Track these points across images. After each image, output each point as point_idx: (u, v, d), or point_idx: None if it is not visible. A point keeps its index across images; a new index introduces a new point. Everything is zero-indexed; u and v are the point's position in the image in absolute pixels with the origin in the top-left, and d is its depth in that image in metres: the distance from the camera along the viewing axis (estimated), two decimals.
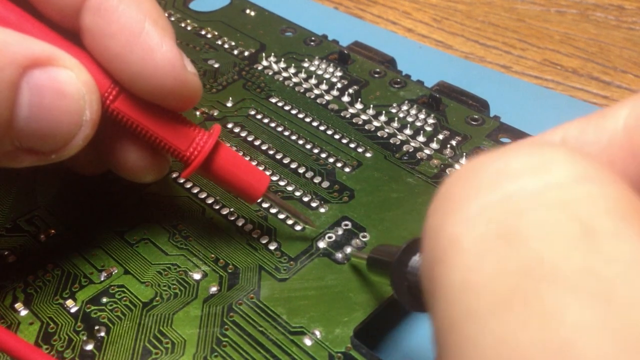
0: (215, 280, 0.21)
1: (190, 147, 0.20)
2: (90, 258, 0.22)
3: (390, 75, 0.30)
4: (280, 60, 0.32)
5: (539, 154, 0.10)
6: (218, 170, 0.21)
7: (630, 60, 0.36)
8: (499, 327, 0.08)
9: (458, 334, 0.09)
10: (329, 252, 0.22)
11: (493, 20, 0.40)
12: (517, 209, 0.09)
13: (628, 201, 0.09)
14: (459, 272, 0.09)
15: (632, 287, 0.08)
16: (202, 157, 0.20)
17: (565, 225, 0.09)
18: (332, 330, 0.20)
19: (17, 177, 0.25)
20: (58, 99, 0.18)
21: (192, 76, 0.19)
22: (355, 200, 0.24)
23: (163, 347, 0.19)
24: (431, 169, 0.25)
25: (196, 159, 0.20)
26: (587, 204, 0.09)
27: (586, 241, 0.09)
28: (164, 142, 0.20)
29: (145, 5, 0.19)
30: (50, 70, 0.18)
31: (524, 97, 0.33)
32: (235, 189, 0.21)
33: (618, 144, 0.12)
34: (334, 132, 0.27)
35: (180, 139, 0.20)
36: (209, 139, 0.20)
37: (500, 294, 0.09)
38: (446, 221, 0.10)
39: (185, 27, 0.34)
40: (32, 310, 0.21)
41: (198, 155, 0.20)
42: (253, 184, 0.21)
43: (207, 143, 0.20)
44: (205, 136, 0.20)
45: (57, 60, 0.18)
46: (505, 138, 0.27)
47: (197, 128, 0.20)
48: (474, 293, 0.09)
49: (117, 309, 0.21)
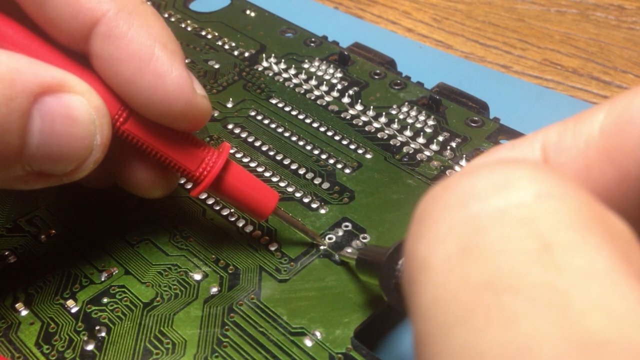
0: (216, 281, 0.21)
1: (200, 167, 0.20)
2: (91, 258, 0.22)
3: (390, 77, 0.30)
4: (281, 61, 0.32)
5: (502, 172, 0.10)
6: (227, 189, 0.21)
7: (630, 60, 0.36)
8: (465, 334, 0.09)
9: (432, 345, 0.10)
10: (329, 253, 0.22)
11: (493, 20, 0.40)
12: (480, 227, 0.10)
13: (589, 213, 0.10)
14: (429, 289, 0.10)
15: (585, 296, 0.09)
16: (212, 177, 0.20)
17: (525, 241, 0.09)
18: (333, 331, 0.20)
19: None
20: (69, 125, 0.18)
21: (201, 99, 0.19)
22: (355, 202, 0.24)
23: (164, 347, 0.20)
24: (431, 170, 0.25)
25: (206, 178, 0.20)
26: (547, 219, 0.10)
27: (544, 255, 0.09)
28: (173, 162, 0.20)
29: (155, 30, 0.19)
30: (61, 96, 0.18)
31: (524, 97, 0.33)
32: (245, 207, 0.21)
33: (594, 148, 0.12)
34: (334, 133, 0.27)
35: (189, 159, 0.20)
36: (218, 158, 0.20)
37: (465, 305, 0.09)
38: (418, 243, 0.11)
39: (186, 28, 0.35)
40: (33, 311, 0.21)
41: (208, 175, 0.20)
42: (262, 202, 0.21)
43: (217, 163, 0.20)
44: (215, 156, 0.20)
45: (68, 86, 0.18)
46: (504, 140, 0.27)
47: (207, 147, 0.21)
48: (443, 307, 0.10)
49: (117, 309, 0.21)
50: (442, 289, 0.10)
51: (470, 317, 0.09)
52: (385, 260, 0.16)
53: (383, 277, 0.16)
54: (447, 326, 0.09)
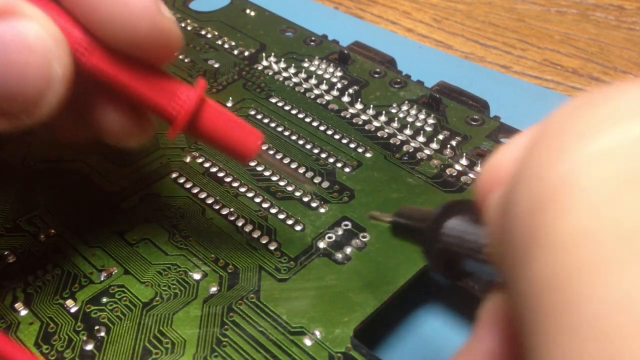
0: (215, 280, 0.21)
1: (174, 103, 0.19)
2: (90, 258, 0.22)
3: (390, 76, 0.30)
4: (281, 60, 0.32)
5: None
6: (206, 128, 0.19)
7: (630, 61, 0.36)
8: (632, 282, 0.07)
9: (570, 290, 0.08)
10: (329, 252, 0.22)
11: (493, 20, 0.40)
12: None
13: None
14: (577, 217, 0.08)
15: None
16: (188, 113, 0.19)
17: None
18: (332, 330, 0.20)
19: (18, 178, 0.25)
20: (21, 53, 0.16)
21: (168, 21, 0.18)
22: (355, 201, 0.24)
23: (163, 347, 0.19)
24: (431, 169, 0.25)
25: (181, 115, 0.19)
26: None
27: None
28: (145, 99, 0.18)
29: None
30: (10, 22, 0.16)
31: (524, 97, 0.33)
32: (227, 148, 0.20)
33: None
34: (334, 132, 0.27)
35: (162, 95, 0.18)
36: (194, 93, 0.19)
37: (635, 246, 0.08)
38: (557, 160, 0.09)
39: (186, 27, 0.34)
40: (32, 310, 0.21)
41: (183, 111, 0.19)
42: (246, 141, 0.19)
43: (192, 98, 0.19)
44: (191, 91, 0.19)
45: (17, 10, 0.16)
46: (505, 138, 0.27)
47: (180, 83, 0.19)
48: (599, 242, 0.08)
49: (117, 309, 0.21)
50: (596, 220, 0.08)
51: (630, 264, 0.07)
52: (431, 223, 0.14)
53: (427, 241, 0.14)
54: (603, 268, 0.08)
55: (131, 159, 0.26)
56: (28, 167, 0.26)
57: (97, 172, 0.26)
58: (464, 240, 0.13)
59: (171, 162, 0.26)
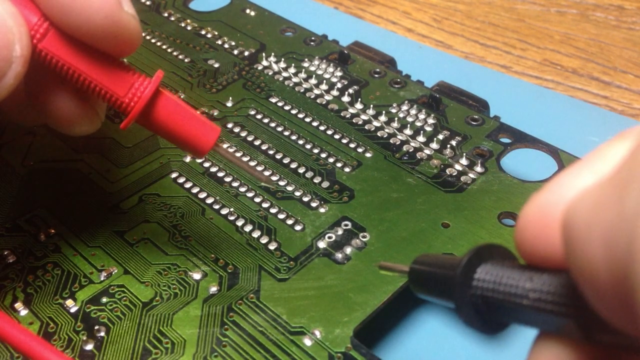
0: (215, 280, 0.21)
1: (129, 93, 0.18)
2: (90, 258, 0.22)
3: (390, 75, 0.30)
4: (280, 60, 0.32)
5: None
6: (161, 120, 0.19)
7: (630, 60, 0.36)
8: None
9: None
10: (329, 252, 0.22)
11: (493, 20, 0.40)
12: None
13: None
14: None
15: None
16: (142, 104, 0.18)
17: None
18: (332, 330, 0.20)
19: (18, 178, 0.25)
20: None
21: (127, 16, 0.18)
22: (355, 200, 0.24)
23: (163, 347, 0.19)
24: (431, 169, 0.25)
25: (136, 105, 0.18)
26: None
27: None
28: (99, 87, 0.18)
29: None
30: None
31: (524, 97, 0.33)
32: (182, 141, 0.19)
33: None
34: (334, 132, 0.27)
35: (117, 84, 0.18)
36: (149, 84, 0.19)
37: None
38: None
39: (185, 27, 0.34)
40: (32, 310, 0.21)
41: (138, 102, 0.18)
42: (201, 136, 0.19)
43: (148, 88, 0.18)
44: (146, 82, 0.19)
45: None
46: (505, 138, 0.27)
47: (137, 74, 0.19)
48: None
49: (117, 309, 0.21)
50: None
51: None
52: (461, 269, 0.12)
53: (457, 290, 0.13)
54: None
55: (131, 159, 0.26)
56: (28, 167, 0.26)
57: (97, 172, 0.26)
58: (504, 285, 0.12)
59: (171, 162, 0.26)
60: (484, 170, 0.25)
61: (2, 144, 0.27)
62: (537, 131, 0.27)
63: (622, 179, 0.09)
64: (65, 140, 0.27)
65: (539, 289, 0.11)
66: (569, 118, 0.32)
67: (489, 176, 0.25)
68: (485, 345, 0.13)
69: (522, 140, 0.26)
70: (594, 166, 0.11)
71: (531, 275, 0.11)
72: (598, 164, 0.11)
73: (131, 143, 0.27)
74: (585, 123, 0.31)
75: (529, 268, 0.11)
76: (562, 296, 0.10)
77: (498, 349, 0.13)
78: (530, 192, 0.11)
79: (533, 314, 0.11)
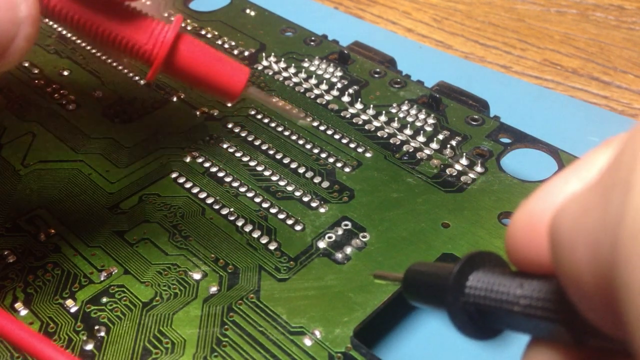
0: (215, 280, 0.21)
1: (150, 39, 0.18)
2: (90, 258, 0.22)
3: (390, 75, 0.30)
4: (281, 60, 0.32)
5: None
6: (186, 65, 0.18)
7: (630, 60, 0.36)
8: None
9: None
10: (329, 252, 0.22)
11: (493, 20, 0.40)
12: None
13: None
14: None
15: None
16: (166, 49, 0.18)
17: None
18: (332, 330, 0.20)
19: (18, 178, 0.25)
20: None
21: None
22: (355, 200, 0.24)
23: (163, 347, 0.19)
24: (431, 169, 0.25)
25: (160, 51, 0.18)
26: None
27: None
28: (120, 37, 0.18)
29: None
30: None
31: (524, 97, 0.33)
32: (211, 86, 0.19)
33: None
34: (334, 132, 0.27)
35: (137, 33, 0.18)
36: (169, 29, 0.18)
37: None
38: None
39: (185, 27, 0.34)
40: (32, 310, 0.21)
41: (161, 47, 0.18)
42: (230, 78, 0.18)
43: (169, 32, 0.18)
44: (166, 27, 0.18)
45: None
46: (505, 138, 0.27)
47: (155, 20, 0.18)
48: None
49: (117, 309, 0.21)
50: None
51: None
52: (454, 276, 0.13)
53: (450, 297, 0.13)
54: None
55: (131, 159, 0.26)
56: (28, 167, 0.26)
57: (97, 172, 0.26)
58: (495, 292, 0.12)
59: (171, 162, 0.26)
60: (484, 170, 0.25)
61: (2, 144, 0.27)
62: (537, 131, 0.27)
63: (605, 185, 0.09)
64: (65, 140, 0.27)
65: (529, 296, 0.11)
66: (569, 118, 0.32)
67: (489, 176, 0.25)
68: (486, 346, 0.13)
69: (522, 140, 0.26)
70: (581, 173, 0.11)
71: (522, 281, 0.11)
72: (585, 170, 0.11)
73: (131, 143, 0.27)
74: (585, 123, 0.31)
75: (519, 275, 0.12)
76: (551, 302, 0.11)
77: (499, 349, 0.13)
78: (530, 192, 0.11)
79: (524, 320, 0.11)
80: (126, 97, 0.29)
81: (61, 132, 0.28)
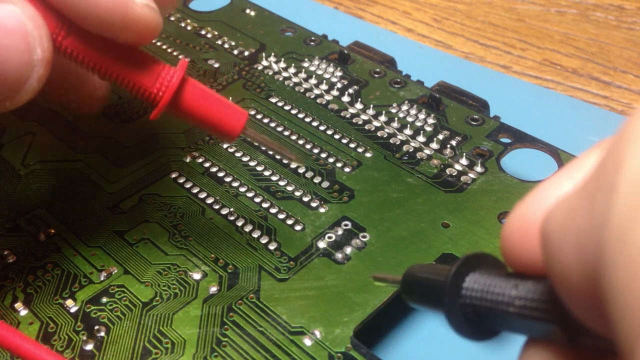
0: (215, 280, 0.21)
1: (156, 83, 0.19)
2: (90, 258, 0.22)
3: (390, 75, 0.30)
4: (280, 60, 0.32)
5: None
6: (190, 107, 0.19)
7: (630, 60, 0.36)
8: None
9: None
10: (329, 252, 0.22)
11: (493, 20, 0.40)
12: None
13: None
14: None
15: None
16: (171, 93, 0.19)
17: None
18: (332, 330, 0.20)
19: (18, 178, 0.25)
20: (4, 38, 0.16)
21: (142, 8, 0.18)
22: (355, 200, 0.24)
23: (163, 347, 0.19)
24: (431, 169, 0.25)
25: (165, 95, 0.19)
26: None
27: None
28: (127, 80, 0.19)
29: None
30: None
31: (524, 97, 0.33)
32: (211, 127, 0.20)
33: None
34: (333, 132, 0.27)
35: (144, 76, 0.19)
36: (175, 73, 0.19)
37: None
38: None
39: (185, 27, 0.34)
40: (32, 310, 0.21)
41: (166, 91, 0.19)
42: (229, 120, 0.20)
43: (175, 77, 0.19)
44: (172, 71, 0.19)
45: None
46: (505, 138, 0.27)
47: (161, 64, 0.19)
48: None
49: (117, 309, 0.21)
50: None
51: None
52: (450, 278, 0.13)
53: (447, 298, 0.13)
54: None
55: (131, 159, 0.26)
56: (28, 167, 0.26)
57: (97, 172, 0.26)
58: (491, 294, 0.12)
59: (171, 162, 0.26)
60: (484, 170, 0.25)
61: (2, 144, 0.27)
62: (537, 131, 0.27)
63: (590, 187, 0.09)
64: (65, 140, 0.27)
65: (524, 296, 0.11)
66: (569, 118, 0.32)
67: (489, 176, 0.25)
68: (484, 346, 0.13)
69: (522, 140, 0.26)
70: (573, 175, 0.11)
71: (517, 282, 0.11)
72: (576, 172, 0.11)
73: (131, 143, 0.27)
74: (585, 123, 0.31)
75: (515, 276, 0.12)
76: (545, 302, 0.11)
77: (497, 350, 0.13)
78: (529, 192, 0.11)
79: (519, 321, 0.11)
80: (126, 97, 0.29)
81: (61, 132, 0.28)
